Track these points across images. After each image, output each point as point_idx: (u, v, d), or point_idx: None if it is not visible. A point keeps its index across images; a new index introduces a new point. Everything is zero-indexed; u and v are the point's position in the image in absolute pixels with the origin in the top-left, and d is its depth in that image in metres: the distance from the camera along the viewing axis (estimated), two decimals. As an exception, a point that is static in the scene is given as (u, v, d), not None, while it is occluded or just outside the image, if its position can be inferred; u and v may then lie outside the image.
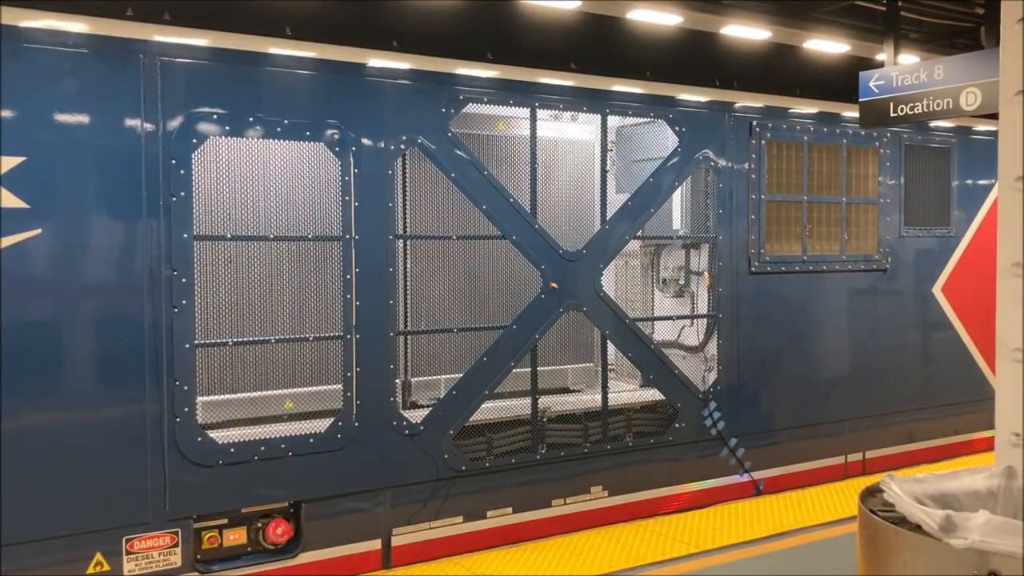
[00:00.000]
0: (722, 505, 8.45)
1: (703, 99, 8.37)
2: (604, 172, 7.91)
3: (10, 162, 5.40)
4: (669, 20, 7.89)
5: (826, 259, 9.18)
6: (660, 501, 8.21)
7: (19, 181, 5.41)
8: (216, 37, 6.11)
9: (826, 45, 8.89)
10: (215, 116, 6.08)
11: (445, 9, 7.05)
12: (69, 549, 5.63)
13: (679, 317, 8.79)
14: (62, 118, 5.61)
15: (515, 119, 7.92)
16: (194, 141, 6.02)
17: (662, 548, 7.27)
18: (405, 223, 7.25)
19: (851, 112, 8.98)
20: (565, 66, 7.60)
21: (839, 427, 9.48)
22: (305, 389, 6.87)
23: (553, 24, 7.53)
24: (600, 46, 7.80)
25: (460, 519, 7.13)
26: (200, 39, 6.04)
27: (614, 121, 8.51)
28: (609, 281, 8.54)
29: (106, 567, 5.73)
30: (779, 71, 8.89)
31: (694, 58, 8.36)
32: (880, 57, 8.86)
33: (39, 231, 5.49)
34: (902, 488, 3.50)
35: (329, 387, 6.76)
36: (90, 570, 5.68)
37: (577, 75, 7.65)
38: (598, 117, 7.91)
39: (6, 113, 5.41)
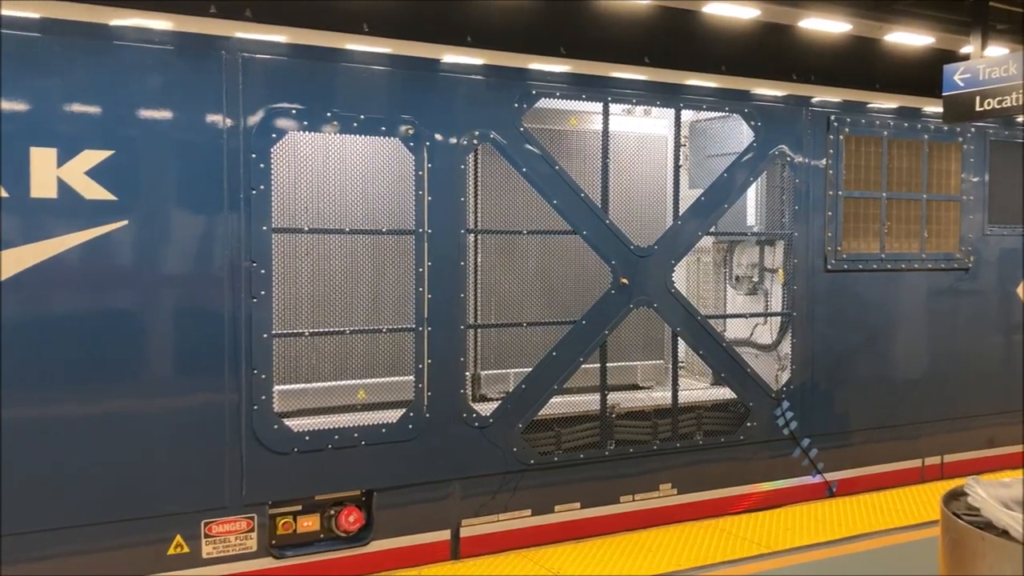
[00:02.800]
0: (794, 506, 8.31)
1: (779, 93, 8.23)
2: (677, 167, 7.83)
3: (99, 155, 5.59)
4: (746, 13, 7.77)
5: (905, 257, 8.95)
6: (729, 500, 8.12)
7: (107, 174, 5.60)
8: (295, 34, 6.23)
9: (908, 38, 8.65)
10: (294, 111, 6.20)
11: (519, 4, 7.06)
12: (151, 531, 5.82)
13: (752, 315, 8.66)
14: (148, 113, 5.78)
15: (587, 113, 7.91)
16: (273, 136, 6.15)
17: (732, 548, 7.18)
18: (476, 217, 7.30)
19: (934, 107, 8.73)
20: (639, 60, 7.55)
21: (916, 430, 9.23)
22: (378, 380, 6.98)
23: (627, 18, 7.48)
24: (675, 40, 7.73)
25: (528, 512, 7.16)
26: (280, 35, 6.17)
27: (687, 115, 8.42)
28: (680, 278, 8.46)
29: (186, 549, 5.91)
30: (859, 65, 8.68)
31: (770, 52, 8.22)
32: (966, 50, 8.59)
33: (125, 222, 5.68)
34: (987, 492, 3.40)
35: (401, 378, 6.85)
36: (171, 551, 5.87)
37: (651, 69, 7.60)
38: (671, 111, 7.84)
39: (95, 108, 5.61)
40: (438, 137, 6.69)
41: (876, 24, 8.43)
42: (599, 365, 7.50)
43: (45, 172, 5.44)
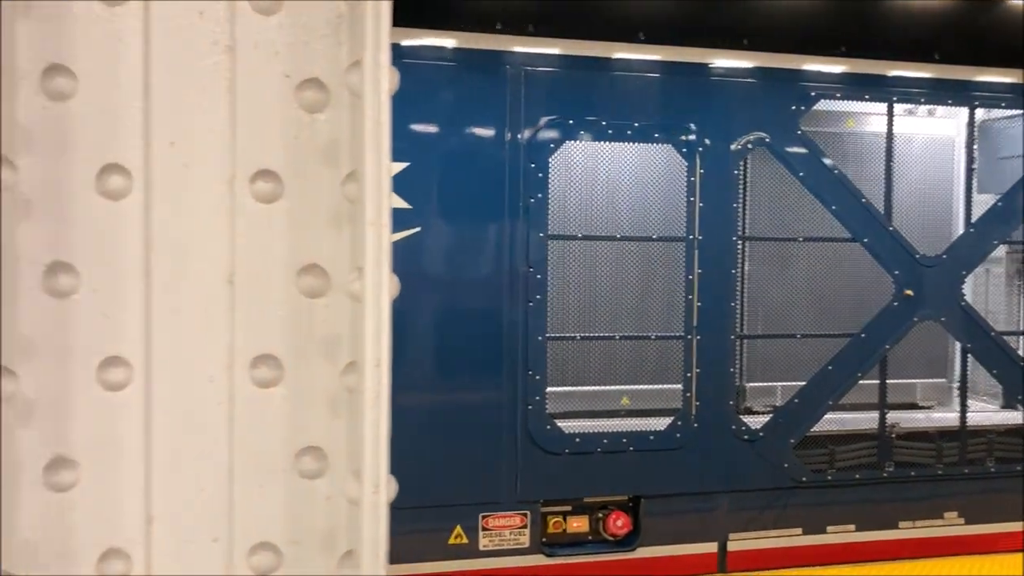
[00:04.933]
0: (1104, 548, 7.40)
1: (1093, 86, 7.39)
2: (971, 170, 7.24)
3: (397, 167, 6.01)
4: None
5: None
6: (1024, 536, 7.37)
7: (404, 184, 6.01)
8: (571, 45, 6.39)
9: None
10: (571, 121, 6.36)
11: (797, 4, 6.83)
12: (436, 520, 6.17)
13: (1054, 332, 7.82)
14: (439, 127, 6.15)
15: (864, 115, 7.51)
16: (551, 146, 6.34)
17: (1031, 588, 6.52)
18: (744, 224, 7.11)
19: None
20: (927, 57, 7.06)
21: None
22: (644, 387, 6.98)
23: (915, 14, 7.02)
24: (969, 34, 7.15)
25: (799, 531, 6.88)
26: (557, 48, 6.35)
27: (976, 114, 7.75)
28: (967, 289, 7.80)
29: (465, 540, 6.20)
30: None
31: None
32: None
33: (418, 229, 6.06)
34: None
35: (667, 386, 6.82)
36: (451, 541, 6.18)
37: (940, 66, 7.08)
38: (958, 111, 7.28)
39: (394, 123, 6.02)
40: (712, 142, 6.61)
41: None
42: (876, 381, 7.07)
43: (350, 182, 5.92)
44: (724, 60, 6.67)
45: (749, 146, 6.70)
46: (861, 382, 7.04)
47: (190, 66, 1.54)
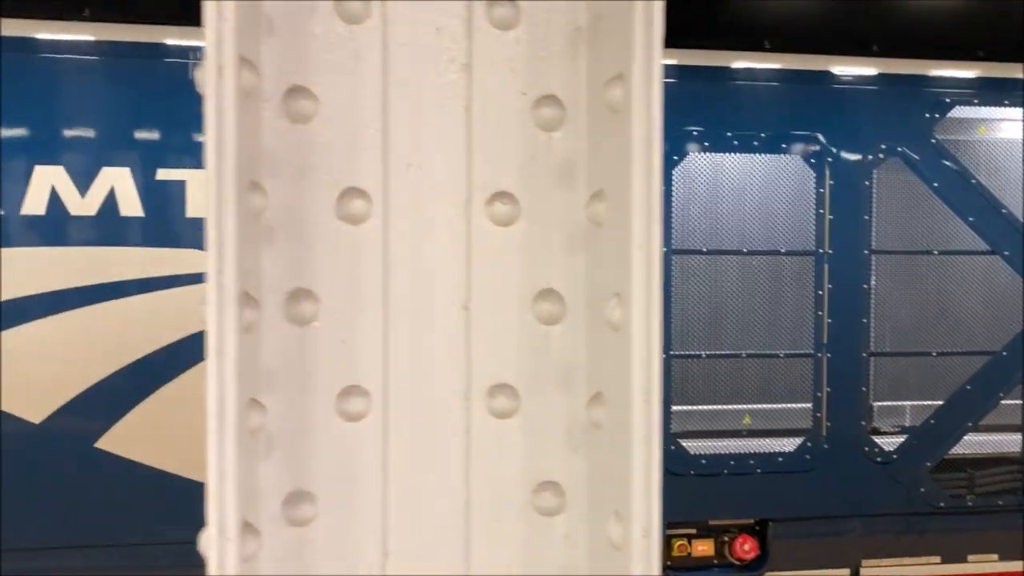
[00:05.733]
0: None
1: None
2: (1123, 177, 6.82)
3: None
4: None
5: None
6: None
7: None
8: (695, 56, 6.24)
9: None
10: (695, 133, 6.22)
11: (928, 7, 6.56)
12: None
13: None
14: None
15: (997, 121, 7.16)
16: (675, 158, 6.20)
17: None
18: (873, 236, 6.83)
19: None
20: (1073, 58, 6.69)
21: None
22: (771, 406, 6.75)
23: (1056, 13, 6.67)
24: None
25: (937, 559, 6.54)
26: (680, 58, 6.21)
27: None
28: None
29: (589, 561, 6.07)
30: None
31: None
32: None
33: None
34: None
35: (794, 405, 6.58)
36: (575, 562, 6.06)
37: (1086, 67, 6.70)
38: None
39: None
40: (841, 153, 6.38)
41: None
42: (1018, 401, 6.70)
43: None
44: (853, 67, 6.43)
45: (881, 156, 6.44)
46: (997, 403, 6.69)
47: (427, 85, 1.48)
